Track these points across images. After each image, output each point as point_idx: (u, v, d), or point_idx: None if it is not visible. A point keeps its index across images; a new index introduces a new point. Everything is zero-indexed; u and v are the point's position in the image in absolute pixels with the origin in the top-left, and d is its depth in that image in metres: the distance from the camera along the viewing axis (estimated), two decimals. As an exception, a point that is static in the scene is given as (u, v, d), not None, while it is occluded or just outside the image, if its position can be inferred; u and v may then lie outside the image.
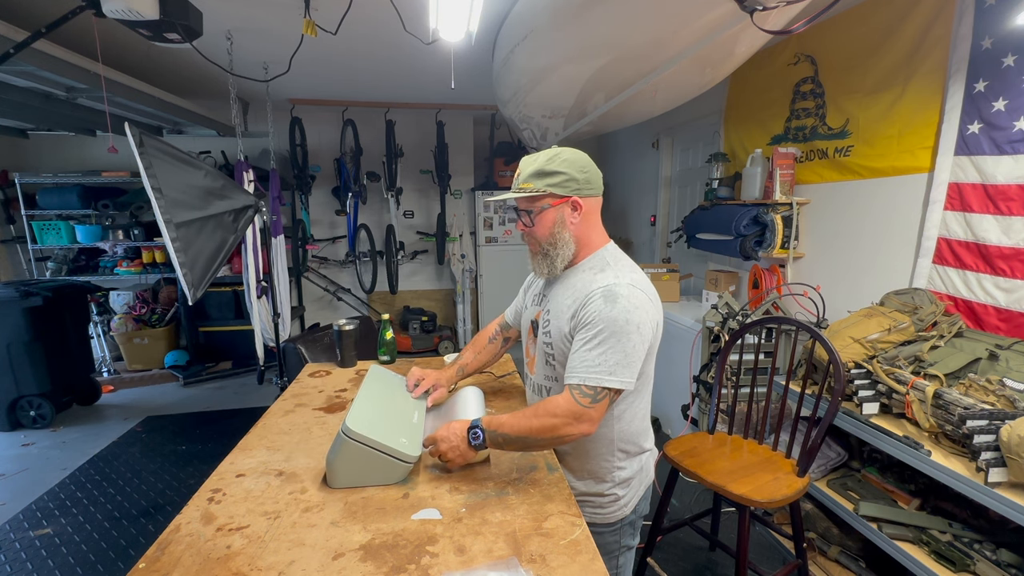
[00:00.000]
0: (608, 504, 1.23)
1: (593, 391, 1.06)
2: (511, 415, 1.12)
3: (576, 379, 1.07)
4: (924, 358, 1.75)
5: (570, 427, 1.06)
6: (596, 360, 1.06)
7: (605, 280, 1.13)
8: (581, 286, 1.17)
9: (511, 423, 1.10)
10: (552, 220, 1.18)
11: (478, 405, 1.36)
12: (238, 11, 2.40)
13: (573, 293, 1.17)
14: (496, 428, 1.10)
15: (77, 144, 4.43)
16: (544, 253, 1.21)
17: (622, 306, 1.07)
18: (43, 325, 3.32)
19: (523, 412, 1.11)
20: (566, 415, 1.06)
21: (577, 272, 1.21)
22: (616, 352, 1.06)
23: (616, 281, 1.11)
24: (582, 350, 1.09)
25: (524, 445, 1.11)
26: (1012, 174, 1.77)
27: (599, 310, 1.08)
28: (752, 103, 3.10)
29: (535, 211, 1.18)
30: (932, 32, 2.01)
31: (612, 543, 1.26)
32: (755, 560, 2.00)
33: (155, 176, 2.02)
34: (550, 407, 1.08)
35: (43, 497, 2.61)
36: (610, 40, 1.99)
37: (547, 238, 1.19)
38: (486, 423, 1.11)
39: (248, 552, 0.90)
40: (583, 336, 1.10)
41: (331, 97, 4.31)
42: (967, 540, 1.56)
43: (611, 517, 1.24)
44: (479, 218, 5.12)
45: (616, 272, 1.15)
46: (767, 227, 2.73)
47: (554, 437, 1.08)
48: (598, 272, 1.17)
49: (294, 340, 2.50)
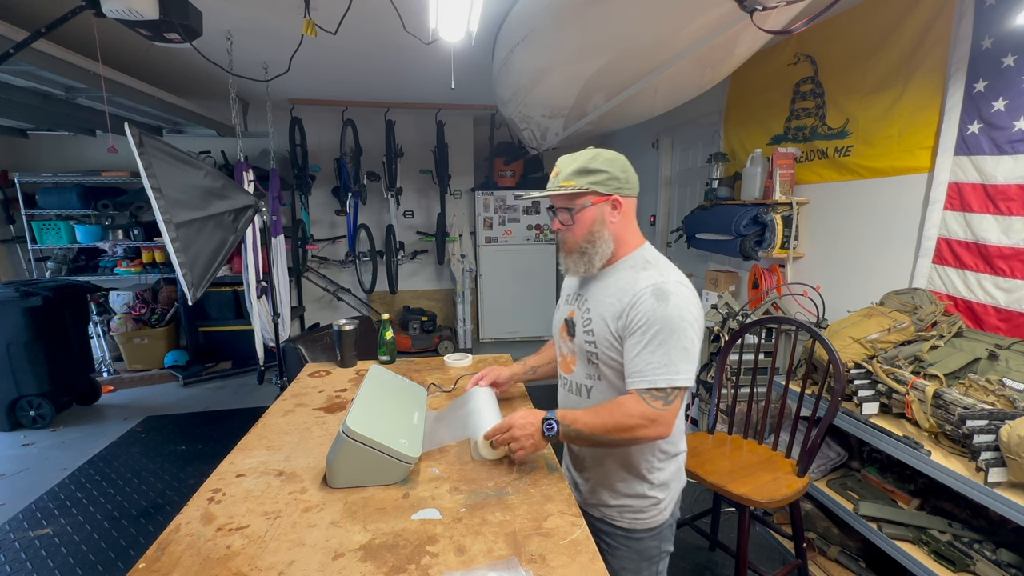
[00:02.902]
0: (649, 508, 1.23)
1: (664, 393, 1.05)
2: (584, 411, 1.12)
3: (645, 383, 1.06)
4: (924, 358, 1.75)
5: (646, 429, 1.06)
6: (661, 360, 1.05)
7: (651, 279, 1.12)
8: (624, 284, 1.16)
9: (585, 419, 1.09)
10: (592, 218, 1.17)
11: (491, 405, 1.35)
12: (238, 11, 2.40)
13: (616, 292, 1.16)
14: (570, 423, 1.10)
15: (77, 144, 4.43)
16: (582, 251, 1.20)
17: (674, 303, 1.07)
18: (43, 325, 3.32)
19: (596, 409, 1.11)
20: (641, 417, 1.05)
21: (617, 271, 1.20)
22: (678, 350, 1.06)
23: (663, 279, 1.11)
24: (644, 352, 1.07)
25: (596, 442, 1.11)
26: (1012, 174, 1.77)
27: (652, 309, 1.07)
28: (752, 103, 3.10)
29: (575, 209, 1.17)
30: (932, 32, 2.01)
31: (653, 548, 1.26)
32: (755, 560, 2.00)
33: (155, 176, 2.02)
34: (623, 408, 1.07)
35: (43, 497, 2.61)
36: (610, 40, 1.98)
37: (585, 236, 1.18)
38: (560, 416, 1.11)
39: (248, 552, 0.90)
40: (640, 338, 1.08)
41: (331, 97, 4.30)
42: (967, 540, 1.56)
43: (652, 522, 1.23)
44: (479, 218, 5.12)
45: (660, 270, 1.15)
46: (767, 227, 2.73)
47: (631, 438, 1.08)
48: (640, 271, 1.16)
49: (294, 340, 2.50)
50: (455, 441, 1.24)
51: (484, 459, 1.19)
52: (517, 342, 5.32)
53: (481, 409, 1.31)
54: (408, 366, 1.88)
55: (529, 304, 5.33)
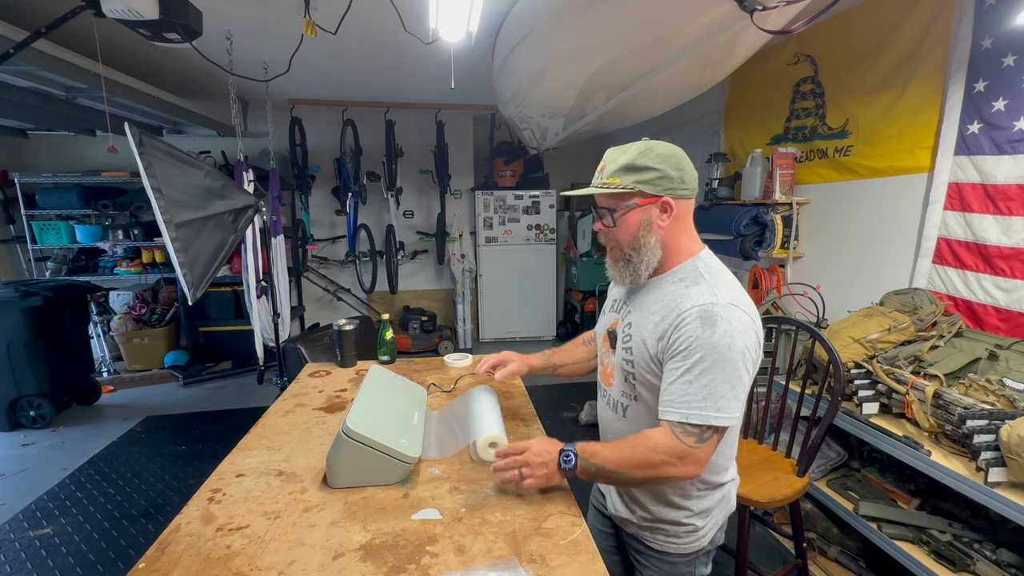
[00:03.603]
0: (685, 534, 1.10)
1: (699, 430, 0.93)
2: (604, 445, 1.01)
3: (677, 415, 0.94)
4: (924, 358, 1.75)
5: (673, 468, 0.94)
6: (699, 394, 0.92)
7: (701, 297, 0.97)
8: (670, 300, 1.01)
9: (606, 454, 0.99)
10: (637, 222, 1.03)
11: (492, 406, 1.34)
12: (238, 11, 2.40)
13: (661, 309, 1.02)
14: (589, 456, 0.99)
15: (77, 144, 4.43)
16: (627, 259, 1.06)
17: (723, 329, 0.93)
18: (43, 325, 3.32)
19: (619, 444, 1.00)
20: (668, 453, 0.93)
21: (665, 283, 1.06)
22: (721, 384, 0.92)
23: (714, 300, 0.96)
24: (680, 381, 0.94)
25: (619, 479, 0.99)
26: (1012, 174, 1.77)
27: (696, 335, 0.93)
28: (752, 103, 3.10)
29: (619, 210, 1.03)
30: (932, 32, 2.01)
31: (686, 573, 1.14)
32: (755, 560, 2.00)
33: (155, 176, 2.02)
34: (649, 443, 0.96)
35: (43, 497, 2.61)
36: (610, 40, 1.98)
37: (630, 242, 1.04)
38: (580, 449, 1.00)
39: (248, 552, 0.90)
40: (679, 365, 0.95)
41: (331, 97, 4.30)
42: (967, 540, 1.56)
43: (686, 548, 1.11)
44: (479, 218, 5.11)
45: (713, 287, 0.99)
46: (767, 227, 2.73)
47: (655, 476, 0.96)
48: (691, 285, 1.01)
49: (294, 340, 2.50)
50: (457, 451, 1.23)
51: (484, 460, 1.19)
52: (517, 342, 5.32)
53: (482, 410, 1.30)
54: (408, 366, 1.88)
55: (529, 304, 5.33)
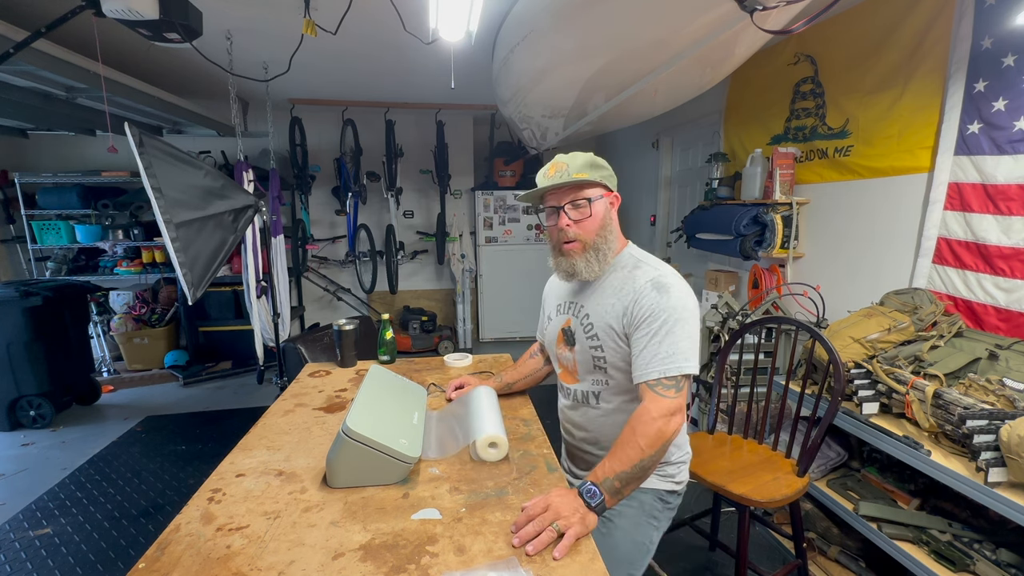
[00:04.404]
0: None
1: (675, 380, 1.05)
2: (608, 457, 1.04)
3: (655, 373, 1.06)
4: (924, 358, 1.75)
5: (670, 423, 1.03)
6: (669, 350, 1.06)
7: (647, 274, 1.14)
8: (620, 284, 1.17)
9: (615, 463, 1.01)
10: (603, 212, 1.19)
11: (492, 405, 1.35)
12: (238, 11, 2.40)
13: (615, 292, 1.17)
14: (605, 476, 1.01)
15: (77, 144, 4.43)
16: (595, 248, 1.19)
17: (675, 294, 1.09)
18: (43, 325, 3.32)
19: (619, 443, 1.04)
20: (662, 413, 1.03)
21: (610, 272, 1.21)
22: (684, 339, 1.07)
23: (659, 273, 1.14)
24: (651, 344, 1.08)
25: (643, 472, 1.02)
26: (1012, 174, 1.77)
27: (655, 302, 1.09)
28: (752, 103, 3.10)
29: (594, 199, 1.18)
30: (932, 32, 2.01)
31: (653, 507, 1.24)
32: (755, 560, 2.00)
33: (155, 176, 2.02)
34: (643, 418, 1.04)
35: (43, 497, 2.61)
36: (610, 40, 1.98)
37: (598, 230, 1.18)
38: (593, 478, 1.01)
39: (248, 552, 0.89)
40: (646, 330, 1.09)
41: (331, 97, 4.30)
42: (967, 540, 1.56)
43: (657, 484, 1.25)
44: (479, 218, 5.12)
45: (653, 266, 1.17)
46: (767, 227, 2.73)
47: (665, 442, 1.03)
48: (633, 269, 1.18)
49: (294, 340, 2.50)
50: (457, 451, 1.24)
51: (484, 460, 1.19)
52: (517, 342, 5.32)
53: (481, 410, 1.31)
54: (408, 366, 1.88)
55: (529, 304, 5.31)
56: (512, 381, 1.55)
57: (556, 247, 1.24)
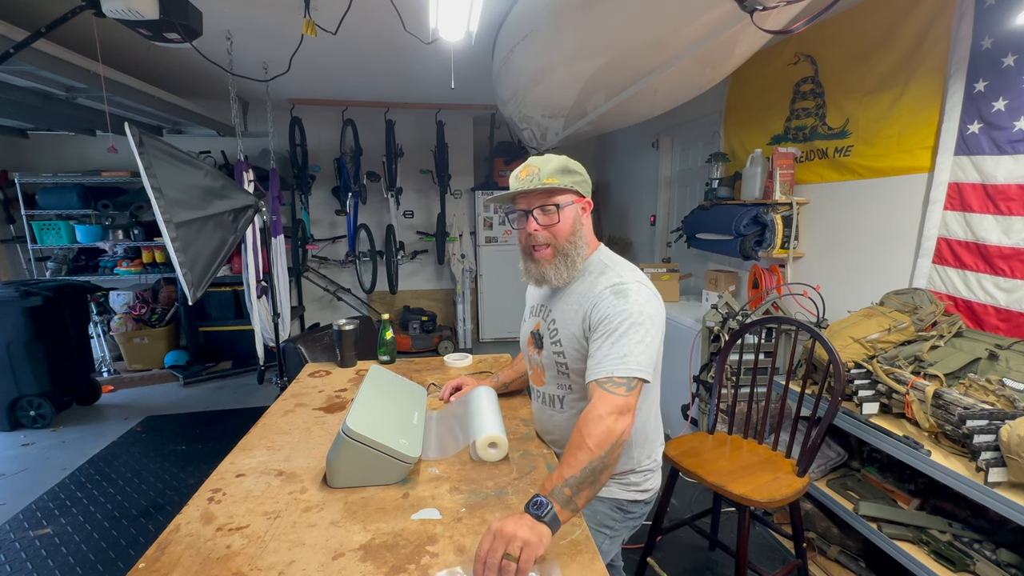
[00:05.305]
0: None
1: (625, 380, 1.03)
2: (559, 464, 0.99)
3: (604, 373, 1.04)
4: (924, 358, 1.75)
5: (619, 422, 0.99)
6: (621, 352, 1.05)
7: (610, 280, 1.14)
8: (584, 290, 1.18)
9: (563, 469, 0.95)
10: (573, 217, 1.19)
11: (492, 405, 1.35)
12: (238, 11, 2.40)
13: (578, 299, 1.18)
14: (553, 485, 0.93)
15: (77, 144, 4.43)
16: (564, 254, 1.19)
17: (633, 299, 1.09)
18: (43, 325, 3.32)
19: (568, 447, 1.00)
20: (610, 411, 0.99)
21: (578, 278, 1.22)
22: (637, 343, 1.05)
23: (621, 279, 1.14)
24: (604, 345, 1.07)
25: (594, 475, 0.95)
26: (1012, 174, 1.77)
27: (612, 306, 1.09)
28: (752, 103, 3.10)
29: (563, 206, 1.17)
30: (932, 32, 2.01)
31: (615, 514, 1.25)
32: (755, 560, 2.00)
33: (155, 176, 2.02)
34: (591, 414, 1.00)
35: (43, 497, 2.61)
36: (610, 40, 1.98)
37: (568, 236, 1.18)
38: (540, 490, 0.94)
39: (248, 552, 0.90)
40: (602, 332, 1.09)
41: (331, 97, 4.30)
42: (967, 540, 1.56)
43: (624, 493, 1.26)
44: (479, 218, 5.12)
45: (618, 272, 1.17)
46: (767, 227, 2.73)
47: (614, 442, 0.97)
48: (599, 275, 1.18)
49: (294, 340, 2.50)
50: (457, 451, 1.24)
51: (484, 460, 1.19)
52: (517, 342, 5.31)
53: (481, 410, 1.31)
54: (408, 366, 1.88)
55: (529, 304, 5.33)
56: (508, 380, 1.56)
57: (526, 251, 1.24)
